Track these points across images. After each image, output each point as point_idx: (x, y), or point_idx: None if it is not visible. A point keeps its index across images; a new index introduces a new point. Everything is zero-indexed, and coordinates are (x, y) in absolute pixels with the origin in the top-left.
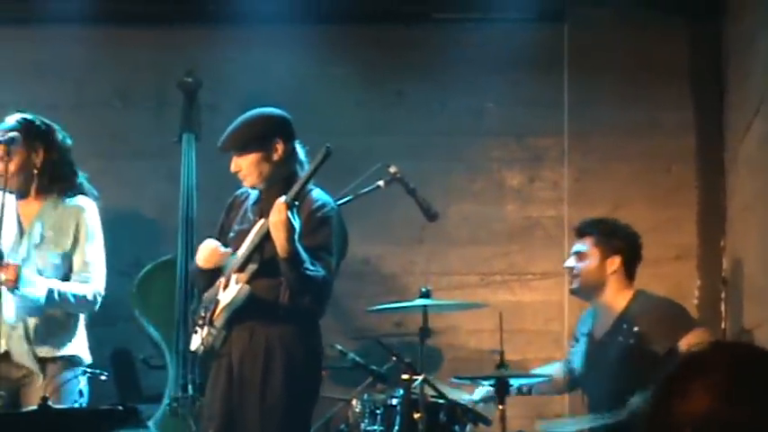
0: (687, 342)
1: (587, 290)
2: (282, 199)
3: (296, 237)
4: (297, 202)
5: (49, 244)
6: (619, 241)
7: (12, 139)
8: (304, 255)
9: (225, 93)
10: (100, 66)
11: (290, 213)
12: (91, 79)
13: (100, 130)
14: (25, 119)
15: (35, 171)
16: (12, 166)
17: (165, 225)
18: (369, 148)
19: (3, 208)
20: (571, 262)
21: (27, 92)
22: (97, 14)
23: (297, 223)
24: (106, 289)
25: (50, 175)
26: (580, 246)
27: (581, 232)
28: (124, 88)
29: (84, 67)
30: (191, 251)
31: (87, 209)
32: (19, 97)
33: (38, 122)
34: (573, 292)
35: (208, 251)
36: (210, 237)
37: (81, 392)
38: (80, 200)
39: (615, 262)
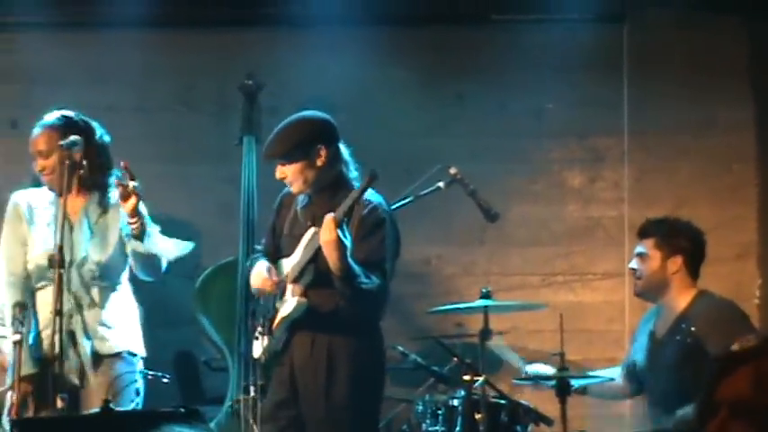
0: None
1: (651, 291)
2: (332, 216)
3: (348, 254)
4: (347, 219)
5: (96, 240)
6: (680, 241)
7: (72, 143)
8: (357, 269)
9: (285, 95)
10: (161, 69)
11: (339, 232)
12: (152, 83)
13: (161, 133)
14: (65, 116)
15: (77, 167)
16: (52, 162)
17: (227, 228)
18: (429, 150)
19: (65, 211)
20: (634, 264)
21: (89, 95)
22: (158, 19)
23: (348, 241)
24: (168, 292)
25: (90, 170)
26: (641, 247)
27: (642, 234)
28: (185, 91)
29: (146, 71)
30: (252, 253)
31: None
32: (80, 100)
33: (77, 119)
34: (637, 294)
35: (259, 279)
36: (263, 242)
37: (138, 391)
38: None
39: (677, 262)
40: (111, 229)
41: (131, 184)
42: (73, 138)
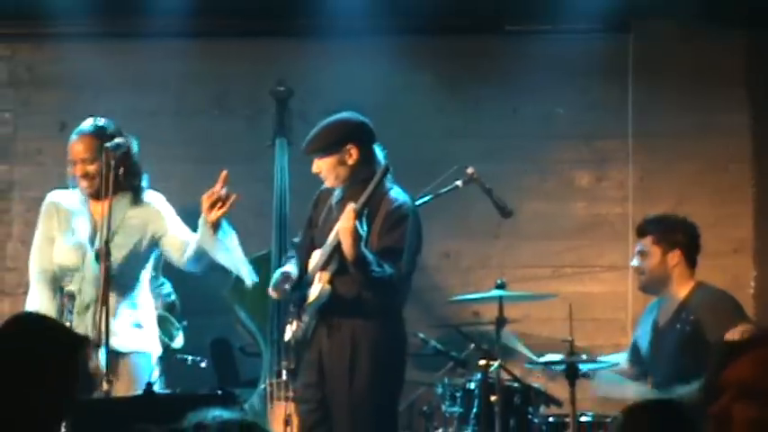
0: (734, 335)
1: (654, 285)
2: (352, 206)
3: (361, 243)
4: (366, 210)
5: (116, 240)
6: (676, 235)
7: (117, 146)
8: (370, 257)
9: (314, 101)
10: (198, 76)
11: (357, 222)
12: (190, 89)
13: (199, 136)
14: (101, 123)
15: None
16: (96, 167)
17: (261, 223)
18: (448, 151)
19: (110, 213)
20: (636, 261)
21: (131, 100)
22: (195, 29)
23: (363, 231)
24: (206, 283)
25: (125, 173)
26: (641, 245)
27: (641, 232)
28: (221, 97)
29: (184, 78)
30: (284, 247)
31: (158, 202)
32: (124, 106)
33: (112, 125)
34: (641, 288)
35: (277, 282)
36: (299, 237)
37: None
38: (150, 196)
39: (676, 256)
40: (134, 231)
41: (223, 193)
42: (118, 140)
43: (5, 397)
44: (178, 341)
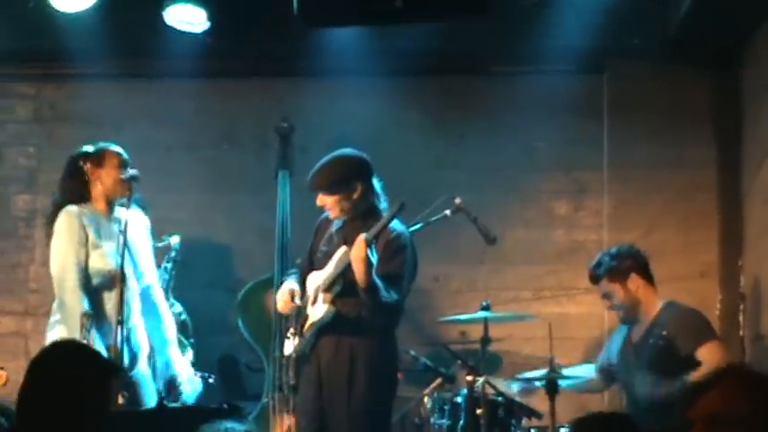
0: (703, 352)
1: (633, 315)
2: (363, 237)
3: (373, 271)
4: (375, 241)
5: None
6: (623, 264)
7: (133, 177)
8: (379, 283)
9: (314, 136)
10: (209, 114)
11: (369, 251)
12: (201, 125)
13: (209, 168)
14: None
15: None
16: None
17: (264, 248)
18: (436, 183)
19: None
20: (606, 304)
21: (147, 135)
22: (206, 70)
23: (374, 259)
24: (213, 304)
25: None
26: (602, 290)
27: (593, 279)
28: (229, 132)
29: (196, 115)
30: (285, 270)
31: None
32: (140, 140)
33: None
34: (624, 323)
35: (282, 299)
36: (301, 258)
37: None
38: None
39: (634, 280)
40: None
41: None
42: (132, 172)
43: (51, 418)
44: (188, 357)
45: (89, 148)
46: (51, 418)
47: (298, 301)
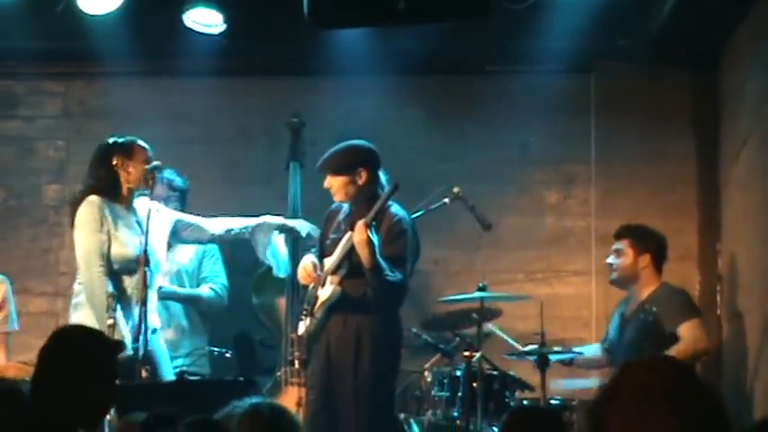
0: (684, 328)
1: (623, 281)
2: (362, 221)
3: (376, 251)
4: (375, 222)
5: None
6: (649, 242)
7: (155, 167)
8: (384, 264)
9: (323, 130)
10: (225, 110)
11: (369, 233)
12: (217, 121)
13: (225, 161)
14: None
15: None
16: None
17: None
18: (437, 174)
19: (149, 215)
20: (611, 259)
21: (167, 130)
22: (223, 70)
23: (376, 239)
24: (231, 284)
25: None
26: (618, 245)
27: (619, 234)
28: (244, 128)
29: (213, 111)
30: (296, 256)
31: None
32: (160, 135)
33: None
34: (612, 282)
35: (304, 272)
36: (312, 247)
37: None
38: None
39: (646, 259)
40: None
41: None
42: (155, 163)
43: (70, 387)
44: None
45: (119, 139)
46: (72, 388)
47: (319, 272)
